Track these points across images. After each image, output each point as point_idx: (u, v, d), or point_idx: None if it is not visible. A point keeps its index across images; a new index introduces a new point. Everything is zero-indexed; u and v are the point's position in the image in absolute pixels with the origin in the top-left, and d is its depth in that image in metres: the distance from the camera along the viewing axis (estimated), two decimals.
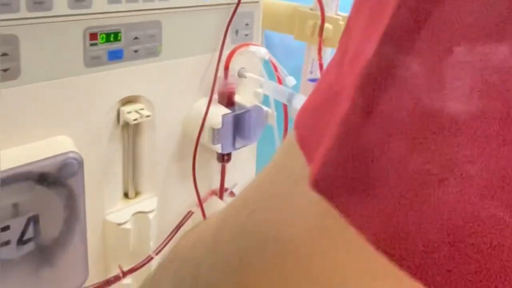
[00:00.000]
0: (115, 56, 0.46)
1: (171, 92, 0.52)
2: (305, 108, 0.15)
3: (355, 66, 0.12)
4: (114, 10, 0.44)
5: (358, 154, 0.11)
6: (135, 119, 0.47)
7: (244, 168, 0.64)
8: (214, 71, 0.54)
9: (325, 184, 0.12)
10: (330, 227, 0.12)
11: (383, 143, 0.11)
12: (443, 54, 0.11)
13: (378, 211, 0.11)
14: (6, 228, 0.40)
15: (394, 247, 0.11)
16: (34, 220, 0.41)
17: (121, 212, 0.52)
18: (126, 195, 0.54)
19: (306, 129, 0.14)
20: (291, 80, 0.53)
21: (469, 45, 0.10)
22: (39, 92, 0.42)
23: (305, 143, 0.14)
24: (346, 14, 0.62)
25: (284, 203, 0.14)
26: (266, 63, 0.59)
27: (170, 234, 0.56)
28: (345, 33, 0.14)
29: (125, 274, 0.51)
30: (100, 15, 0.43)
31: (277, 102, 0.57)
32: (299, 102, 0.50)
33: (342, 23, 0.59)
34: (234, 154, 0.59)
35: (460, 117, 0.10)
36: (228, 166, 0.60)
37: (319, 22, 0.58)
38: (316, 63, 0.61)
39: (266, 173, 0.16)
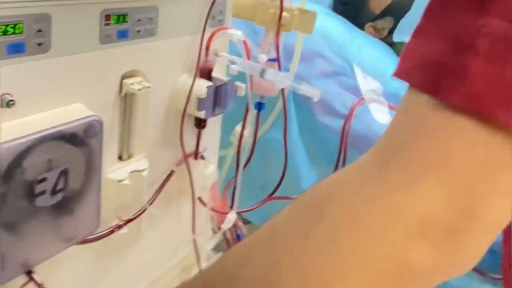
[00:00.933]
0: (123, 35, 0.54)
1: (162, 68, 0.61)
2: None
3: None
4: None
5: None
6: (139, 89, 0.56)
7: (211, 135, 0.75)
8: (195, 50, 0.64)
9: None
10: None
11: None
12: None
13: None
14: (43, 179, 0.47)
15: None
16: (64, 173, 0.49)
17: (119, 171, 0.60)
18: (120, 158, 0.62)
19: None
20: (263, 58, 0.66)
21: None
22: (64, 64, 0.49)
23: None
24: (298, 6, 0.75)
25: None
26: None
27: (158, 188, 0.66)
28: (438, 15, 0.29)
29: (126, 222, 0.60)
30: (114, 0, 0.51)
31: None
32: (270, 75, 0.63)
33: (296, 13, 0.72)
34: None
35: None
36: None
37: (278, 11, 0.71)
38: (273, 45, 0.74)
39: None
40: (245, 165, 0.84)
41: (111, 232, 0.59)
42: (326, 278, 0.28)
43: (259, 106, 0.82)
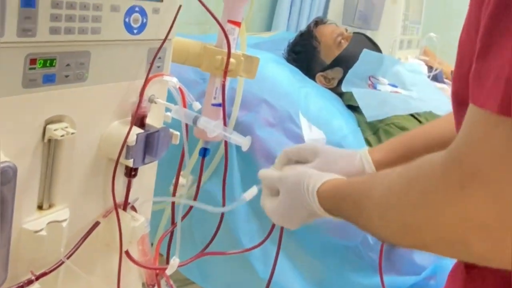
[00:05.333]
0: (49, 79, 0.55)
1: (92, 114, 0.62)
2: None
3: None
4: (53, 40, 0.54)
5: None
6: (62, 135, 0.57)
7: (144, 185, 0.76)
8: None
9: None
10: None
11: None
12: None
13: None
14: None
15: None
16: None
17: (37, 221, 0.59)
18: (40, 207, 0.61)
19: None
20: (197, 105, 0.68)
21: None
22: None
23: None
24: (243, 52, 0.80)
25: None
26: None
27: (79, 241, 0.65)
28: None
29: (38, 277, 0.59)
30: (42, 44, 0.53)
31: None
32: (202, 123, 0.66)
33: (242, 58, 0.77)
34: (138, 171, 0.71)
35: None
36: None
37: (225, 57, 0.75)
38: (219, 91, 0.78)
39: None
40: (183, 217, 0.84)
41: (21, 287, 0.58)
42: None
43: (204, 152, 0.83)
